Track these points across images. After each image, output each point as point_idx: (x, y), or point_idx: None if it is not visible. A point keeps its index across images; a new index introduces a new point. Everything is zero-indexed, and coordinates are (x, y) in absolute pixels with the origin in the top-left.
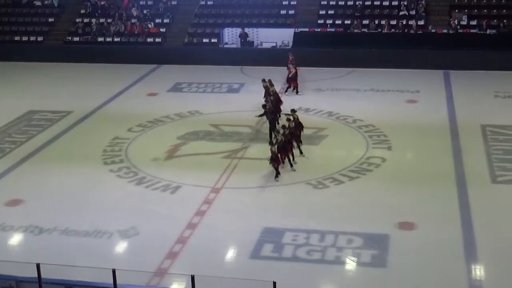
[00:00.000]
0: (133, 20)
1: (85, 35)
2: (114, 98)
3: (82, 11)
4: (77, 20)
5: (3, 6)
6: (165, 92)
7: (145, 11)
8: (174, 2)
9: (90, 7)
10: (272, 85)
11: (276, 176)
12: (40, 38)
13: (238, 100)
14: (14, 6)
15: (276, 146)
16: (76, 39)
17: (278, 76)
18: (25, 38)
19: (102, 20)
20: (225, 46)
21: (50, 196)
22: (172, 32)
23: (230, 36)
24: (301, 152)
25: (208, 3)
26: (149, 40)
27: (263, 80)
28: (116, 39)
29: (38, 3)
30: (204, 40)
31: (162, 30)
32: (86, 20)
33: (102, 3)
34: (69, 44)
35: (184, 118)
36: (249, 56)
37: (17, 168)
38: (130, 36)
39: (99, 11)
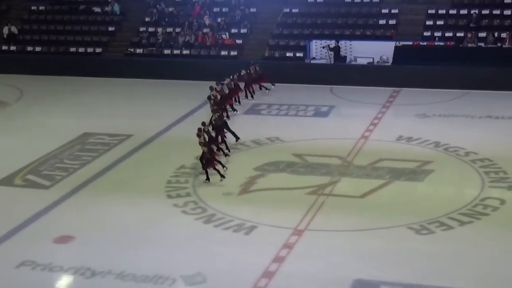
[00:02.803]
0: (205, 30)
1: (150, 47)
2: (181, 120)
3: (147, 19)
4: (141, 29)
5: (58, 13)
6: (241, 115)
7: (219, 20)
8: (253, 9)
9: (156, 14)
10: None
11: (208, 179)
12: (98, 50)
13: (326, 125)
14: (70, 13)
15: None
16: (139, 51)
17: (376, 97)
18: (81, 50)
19: (169, 30)
20: (312, 61)
21: (105, 233)
22: (250, 44)
23: (319, 49)
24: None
25: (293, 10)
26: (223, 53)
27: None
28: (185, 52)
29: (97, 10)
30: (288, 54)
31: (239, 41)
32: (151, 29)
33: (170, 9)
34: (131, 56)
35: (263, 146)
36: (340, 73)
37: (68, 200)
38: (201, 48)
39: (166, 19)
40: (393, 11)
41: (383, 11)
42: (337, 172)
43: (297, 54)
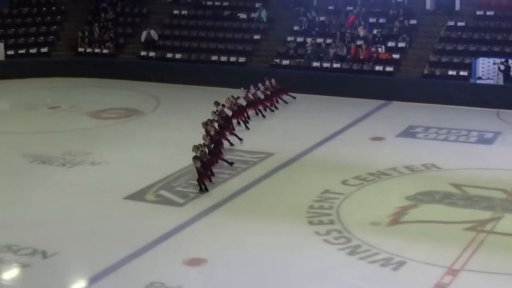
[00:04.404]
0: (358, 42)
1: (297, 58)
2: (327, 141)
3: (296, 28)
4: (289, 38)
5: (201, 18)
6: (394, 137)
7: (375, 31)
8: (413, 21)
9: (305, 23)
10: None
11: (201, 190)
12: (242, 59)
13: (491, 154)
14: (214, 19)
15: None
16: (285, 62)
17: None
18: (224, 58)
19: (319, 40)
20: (478, 81)
21: (239, 258)
22: (408, 59)
23: (486, 68)
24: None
25: (459, 23)
26: (377, 68)
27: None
28: (335, 65)
29: (243, 16)
30: (450, 72)
31: (396, 56)
32: (299, 39)
33: (321, 18)
34: (277, 68)
35: (417, 173)
36: (510, 96)
37: (201, 219)
38: (354, 62)
39: (316, 29)
40: None
41: None
42: (501, 207)
43: (461, 73)
